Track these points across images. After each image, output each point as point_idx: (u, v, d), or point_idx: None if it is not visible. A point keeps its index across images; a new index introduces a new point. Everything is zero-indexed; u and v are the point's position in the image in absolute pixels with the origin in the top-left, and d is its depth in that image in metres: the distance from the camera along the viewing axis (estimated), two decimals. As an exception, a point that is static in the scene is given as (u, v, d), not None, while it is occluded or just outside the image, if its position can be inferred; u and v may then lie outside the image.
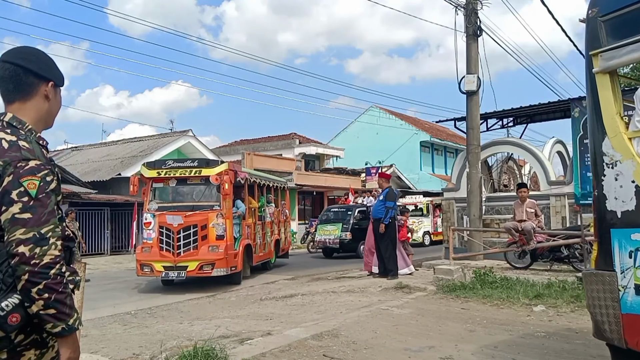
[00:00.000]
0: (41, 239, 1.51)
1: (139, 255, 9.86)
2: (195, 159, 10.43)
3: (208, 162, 10.27)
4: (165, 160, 10.22)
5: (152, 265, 9.56)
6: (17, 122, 1.66)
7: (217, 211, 9.83)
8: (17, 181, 1.53)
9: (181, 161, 10.39)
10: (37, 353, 1.61)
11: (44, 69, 1.72)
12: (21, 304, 1.51)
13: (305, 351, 4.79)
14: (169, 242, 9.63)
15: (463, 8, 11.95)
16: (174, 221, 9.60)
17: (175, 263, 9.50)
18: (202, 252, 9.58)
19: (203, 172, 9.96)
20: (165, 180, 10.19)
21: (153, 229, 9.77)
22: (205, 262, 9.50)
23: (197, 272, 9.50)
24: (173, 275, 9.61)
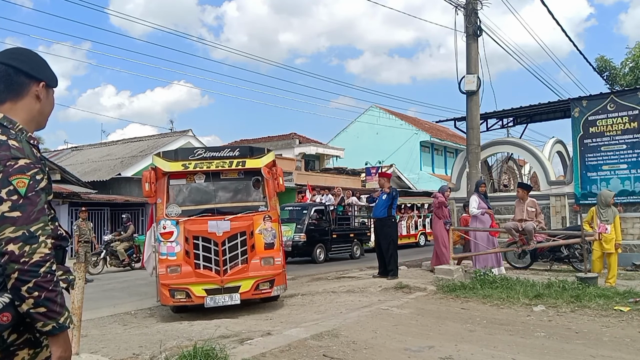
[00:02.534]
0: (30, 237, 1.50)
1: (166, 278, 7.01)
2: (235, 147, 7.88)
3: (252, 151, 7.82)
4: (192, 149, 7.61)
5: (189, 289, 6.94)
6: (8, 122, 1.66)
7: (264, 213, 7.64)
8: (7, 180, 1.52)
9: (216, 149, 7.76)
10: (31, 352, 1.60)
11: (35, 69, 1.72)
12: (12, 303, 1.50)
13: (305, 351, 4.79)
14: (209, 257, 7.07)
15: (463, 8, 11.95)
16: (219, 228, 7.12)
17: (222, 284, 6.99)
18: (254, 266, 7.26)
19: (248, 163, 7.60)
20: (190, 176, 7.62)
21: (176, 240, 7.18)
22: (262, 279, 7.23)
23: (252, 293, 7.16)
24: (222, 301, 7.01)
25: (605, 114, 10.79)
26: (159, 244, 7.19)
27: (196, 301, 6.99)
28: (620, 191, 10.34)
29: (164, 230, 7.24)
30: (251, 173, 7.76)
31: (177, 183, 7.64)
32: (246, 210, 7.56)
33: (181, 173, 7.53)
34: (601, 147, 10.85)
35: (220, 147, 8.02)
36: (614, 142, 10.69)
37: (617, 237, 7.96)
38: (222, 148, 7.83)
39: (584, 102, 11.18)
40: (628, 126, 10.54)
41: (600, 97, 11.17)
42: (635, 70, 20.37)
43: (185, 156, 7.42)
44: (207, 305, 6.96)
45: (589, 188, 10.92)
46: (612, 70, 21.34)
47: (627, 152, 10.55)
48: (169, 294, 6.96)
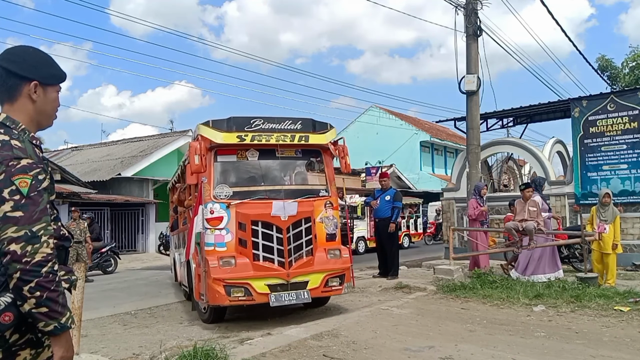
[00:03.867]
0: (33, 237, 1.50)
1: (218, 272, 5.90)
2: (297, 119, 6.62)
3: (314, 125, 6.66)
4: (248, 118, 6.37)
5: (249, 285, 5.90)
6: (11, 122, 1.66)
7: (325, 199, 6.63)
8: (9, 179, 1.52)
9: (275, 120, 6.47)
10: (33, 353, 1.61)
11: (26, 69, 1.68)
12: (14, 302, 1.50)
13: (305, 351, 4.79)
14: (270, 247, 6.01)
15: (463, 8, 11.95)
16: (285, 211, 6.06)
17: (288, 279, 6.00)
18: (320, 259, 6.30)
19: (311, 138, 6.56)
20: (242, 152, 6.48)
21: (226, 227, 6.14)
22: (332, 274, 6.30)
23: (322, 290, 6.25)
24: (289, 299, 6.02)
25: (606, 114, 10.79)
26: (203, 232, 6.09)
27: (258, 299, 5.90)
28: (620, 191, 10.35)
29: (211, 215, 6.09)
30: (309, 152, 6.79)
31: (226, 159, 6.44)
32: (306, 195, 6.47)
33: (233, 147, 6.35)
34: (601, 147, 10.85)
35: (280, 118, 6.52)
36: (614, 142, 10.69)
37: (616, 237, 7.96)
38: (282, 119, 6.50)
39: (584, 102, 11.18)
40: (628, 126, 10.54)
41: (600, 97, 11.17)
42: (635, 70, 20.38)
43: (241, 126, 6.24)
44: (273, 304, 5.88)
45: (589, 188, 10.92)
46: (613, 70, 21.35)
47: (627, 152, 10.55)
48: (224, 290, 5.79)
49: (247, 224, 6.02)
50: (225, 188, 6.32)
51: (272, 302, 5.91)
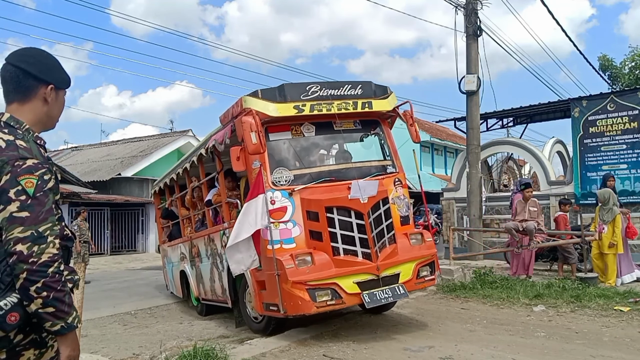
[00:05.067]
0: (39, 237, 1.51)
1: (297, 273, 4.82)
2: (357, 82, 5.61)
3: (375, 89, 5.70)
4: (303, 85, 5.42)
5: (337, 285, 4.89)
6: (15, 122, 1.67)
7: (394, 176, 5.73)
8: (15, 180, 1.53)
9: (333, 85, 5.53)
10: (37, 353, 1.61)
11: (44, 72, 1.71)
12: (20, 302, 1.51)
13: (305, 351, 4.79)
14: (350, 237, 5.05)
15: (463, 8, 11.95)
16: (364, 192, 5.07)
17: (378, 273, 5.04)
18: (404, 246, 5.41)
19: (375, 105, 5.63)
20: (296, 127, 5.46)
21: (292, 219, 5.13)
22: (422, 262, 5.48)
23: (416, 282, 5.38)
24: (385, 297, 5.01)
25: (605, 114, 10.80)
26: (263, 228, 4.98)
27: (348, 302, 4.95)
28: (620, 191, 10.34)
29: (273, 206, 5.02)
30: (369, 122, 5.86)
31: (280, 137, 5.38)
32: (374, 173, 5.55)
33: (287, 121, 5.37)
34: (601, 147, 10.85)
35: (338, 82, 5.61)
36: (614, 142, 10.69)
37: (617, 236, 7.96)
38: (340, 84, 5.57)
39: (584, 102, 11.18)
40: (628, 126, 10.54)
41: (600, 97, 11.17)
42: (635, 70, 20.40)
43: (296, 95, 5.29)
44: (368, 305, 4.93)
45: (589, 188, 10.92)
46: (613, 69, 21.36)
47: (627, 152, 10.55)
48: (308, 296, 4.74)
49: (321, 212, 5.01)
50: (284, 172, 5.26)
51: (367, 302, 4.89)
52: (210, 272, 6.83)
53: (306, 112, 5.28)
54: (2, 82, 1.71)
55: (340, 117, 5.49)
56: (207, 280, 7.01)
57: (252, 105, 5.15)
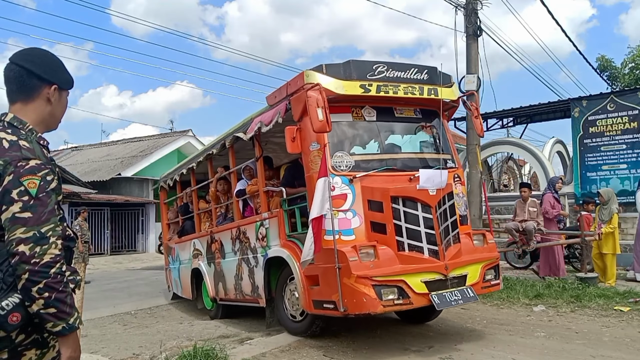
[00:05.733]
0: (41, 238, 1.51)
1: (361, 267, 4.36)
2: (424, 67, 5.28)
3: (441, 76, 5.37)
4: (369, 63, 5.07)
5: (404, 283, 4.43)
6: (18, 122, 1.68)
7: (454, 171, 5.43)
8: (18, 180, 1.53)
9: (400, 67, 5.13)
10: (38, 353, 1.62)
11: (48, 72, 1.72)
12: (21, 303, 1.51)
13: (305, 351, 4.79)
14: (416, 232, 4.63)
15: (463, 8, 11.95)
16: (434, 183, 4.71)
17: (447, 273, 4.63)
18: (467, 247, 5.06)
19: (441, 92, 5.27)
20: (357, 109, 5.09)
21: (352, 209, 4.72)
22: (488, 265, 5.07)
23: (482, 285, 4.97)
24: (455, 299, 4.58)
25: (605, 114, 10.80)
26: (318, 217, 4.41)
27: (416, 302, 4.46)
28: (620, 191, 10.35)
29: (332, 192, 4.56)
30: (429, 112, 5.46)
31: (340, 119, 4.94)
32: (436, 167, 5.07)
33: (347, 102, 5.00)
34: (601, 147, 10.86)
35: (405, 64, 5.20)
36: (614, 142, 10.69)
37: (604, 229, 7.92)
38: (407, 67, 5.19)
39: (584, 102, 11.18)
40: (628, 126, 10.54)
41: (600, 97, 11.17)
42: (634, 71, 20.40)
43: (362, 74, 4.91)
44: (438, 306, 4.51)
45: (589, 188, 10.92)
46: (612, 70, 21.37)
47: (627, 152, 10.55)
48: (374, 292, 4.29)
49: (386, 203, 4.61)
50: (345, 157, 4.86)
51: (437, 304, 4.46)
52: (237, 269, 6.35)
53: (372, 92, 4.90)
54: (5, 82, 1.71)
55: (404, 102, 5.17)
56: (231, 278, 6.54)
57: (316, 81, 4.74)
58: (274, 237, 5.53)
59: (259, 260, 5.78)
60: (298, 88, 4.87)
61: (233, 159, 6.50)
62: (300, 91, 4.77)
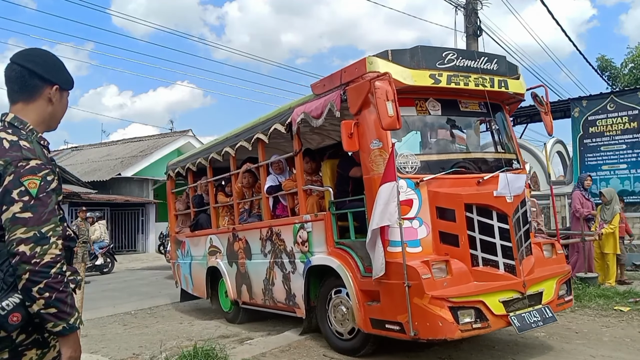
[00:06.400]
0: (42, 238, 1.51)
1: (436, 285, 3.88)
2: (494, 55, 4.85)
3: (509, 66, 4.93)
4: (441, 49, 4.56)
5: (483, 304, 3.94)
6: (19, 123, 1.68)
7: (519, 173, 4.84)
8: (18, 180, 1.54)
9: (471, 56, 4.70)
10: (39, 353, 1.62)
11: (50, 72, 1.73)
12: (22, 303, 1.51)
13: (305, 351, 4.80)
14: (491, 244, 4.14)
15: (463, 8, 11.96)
16: (512, 189, 4.22)
17: (524, 290, 4.15)
18: (539, 259, 4.60)
19: (511, 85, 4.83)
20: (421, 102, 4.53)
21: (418, 217, 4.20)
22: (562, 280, 4.63)
23: (557, 302, 4.51)
24: (534, 320, 4.10)
25: (605, 114, 10.80)
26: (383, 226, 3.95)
27: (494, 325, 3.99)
28: (620, 191, 10.35)
29: None
30: (493, 106, 4.87)
31: (404, 114, 4.18)
32: (503, 169, 4.55)
33: (418, 92, 4.45)
34: (601, 147, 10.86)
35: (474, 52, 4.86)
36: (614, 142, 10.70)
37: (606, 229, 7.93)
38: (476, 55, 4.80)
39: (584, 102, 11.19)
40: (628, 126, 10.54)
41: (600, 97, 11.18)
42: (634, 71, 20.41)
43: (431, 62, 4.38)
44: (519, 330, 4.04)
45: (589, 188, 10.93)
46: (612, 70, 21.38)
47: (627, 152, 10.56)
48: (451, 315, 3.79)
49: (458, 211, 4.12)
50: (410, 157, 4.35)
51: (518, 327, 3.99)
52: (267, 273, 5.78)
53: (443, 83, 4.38)
54: (7, 82, 1.72)
55: (469, 94, 4.70)
56: (259, 282, 5.96)
57: (381, 69, 4.16)
58: (318, 242, 4.93)
59: (297, 266, 5.23)
60: (357, 76, 4.32)
61: (262, 151, 5.93)
62: (360, 80, 4.26)
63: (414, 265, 3.88)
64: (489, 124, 5.09)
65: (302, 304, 5.17)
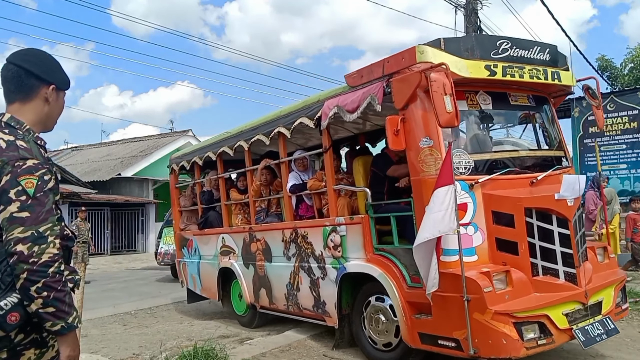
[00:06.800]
0: (39, 238, 1.52)
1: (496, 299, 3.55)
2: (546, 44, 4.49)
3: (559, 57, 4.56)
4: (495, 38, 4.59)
5: (547, 318, 3.64)
6: (15, 122, 1.68)
7: (568, 171, 4.56)
8: (15, 180, 1.54)
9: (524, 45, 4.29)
10: (37, 352, 1.62)
11: (46, 72, 1.73)
12: (20, 302, 1.51)
13: (305, 351, 4.80)
14: (551, 252, 3.82)
15: (463, 8, 11.96)
16: (573, 191, 3.83)
17: (586, 301, 3.85)
18: (594, 265, 4.25)
19: (563, 77, 4.49)
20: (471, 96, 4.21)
21: (473, 222, 3.90)
22: (619, 286, 4.37)
23: (615, 312, 4.20)
24: (598, 333, 3.85)
25: (605, 113, 10.79)
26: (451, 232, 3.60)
27: (558, 340, 3.71)
28: (620, 191, 10.36)
29: None
30: (541, 99, 4.68)
31: None
32: (555, 167, 4.39)
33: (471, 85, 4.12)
34: (601, 147, 10.86)
35: (526, 41, 4.41)
36: (614, 142, 10.70)
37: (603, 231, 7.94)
38: (529, 44, 4.37)
39: (583, 102, 11.17)
40: (628, 126, 10.55)
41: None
42: (634, 71, 20.41)
43: (486, 52, 4.04)
44: (585, 345, 3.77)
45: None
46: (612, 70, 21.37)
47: (627, 152, 10.56)
48: (516, 332, 3.47)
49: (518, 215, 3.81)
50: (464, 155, 3.99)
51: (582, 341, 3.71)
52: (291, 277, 5.43)
53: (498, 75, 4.04)
54: (3, 82, 1.72)
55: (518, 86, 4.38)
56: (281, 287, 5.62)
57: (432, 59, 3.81)
58: (354, 248, 4.57)
59: (328, 272, 4.89)
60: (404, 67, 3.97)
61: (284, 146, 5.55)
62: (407, 71, 3.93)
63: (473, 277, 3.54)
64: (537, 119, 4.75)
65: (334, 312, 4.81)
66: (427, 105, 3.80)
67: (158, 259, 11.76)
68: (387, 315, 4.32)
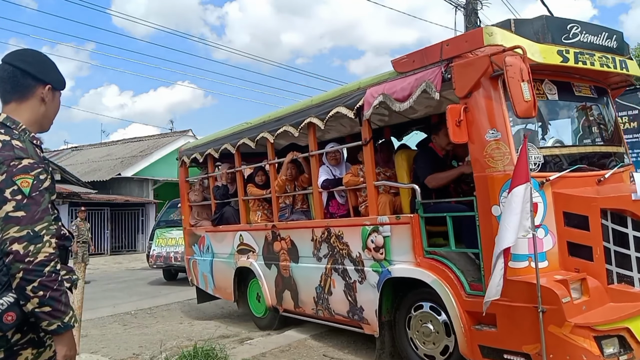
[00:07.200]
0: (35, 237, 1.51)
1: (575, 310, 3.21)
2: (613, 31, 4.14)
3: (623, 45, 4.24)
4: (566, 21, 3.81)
5: (627, 330, 3.30)
6: (11, 122, 1.68)
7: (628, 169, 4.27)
8: (11, 179, 1.54)
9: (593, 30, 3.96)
10: (34, 352, 1.62)
11: (42, 72, 1.74)
12: (16, 302, 1.51)
13: (305, 351, 4.80)
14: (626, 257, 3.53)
15: (463, 8, 11.96)
16: None
17: None
18: None
19: (630, 67, 4.17)
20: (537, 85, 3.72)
21: (544, 225, 3.50)
22: None
23: None
24: None
25: (605, 113, 10.82)
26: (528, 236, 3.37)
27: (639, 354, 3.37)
28: (620, 191, 10.37)
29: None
30: (602, 91, 4.34)
31: None
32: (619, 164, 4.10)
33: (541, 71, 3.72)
34: (601, 147, 10.88)
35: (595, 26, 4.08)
36: (614, 142, 10.71)
37: None
38: (598, 29, 4.02)
39: (584, 102, 11.20)
40: (628, 126, 10.54)
41: (600, 97, 11.19)
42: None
43: (557, 36, 3.70)
44: None
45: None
46: (612, 70, 21.42)
47: (627, 152, 10.58)
48: (597, 347, 3.19)
49: (593, 217, 3.46)
50: (533, 150, 3.60)
51: None
52: (322, 280, 5.03)
53: (570, 62, 3.70)
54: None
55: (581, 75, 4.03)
56: (309, 289, 5.21)
57: (502, 42, 3.46)
58: (401, 250, 4.17)
59: (368, 276, 4.47)
60: (467, 50, 3.59)
61: (314, 138, 5.13)
62: (470, 55, 3.57)
63: (549, 285, 3.21)
64: (598, 112, 4.37)
65: (374, 319, 4.38)
66: (493, 93, 3.50)
67: (150, 262, 11.34)
68: (436, 324, 3.95)
